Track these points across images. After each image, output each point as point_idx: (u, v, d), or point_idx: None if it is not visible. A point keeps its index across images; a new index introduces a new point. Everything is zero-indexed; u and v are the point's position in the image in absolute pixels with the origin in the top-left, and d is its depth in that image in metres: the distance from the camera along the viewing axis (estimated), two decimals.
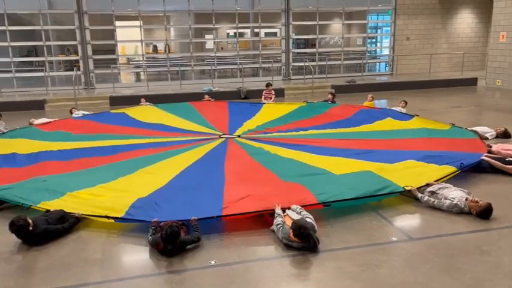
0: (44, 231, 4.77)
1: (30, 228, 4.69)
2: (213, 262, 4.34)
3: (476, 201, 5.20)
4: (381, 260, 4.34)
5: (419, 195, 5.60)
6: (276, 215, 4.90)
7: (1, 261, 4.48)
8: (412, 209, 5.51)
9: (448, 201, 5.32)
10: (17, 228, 4.67)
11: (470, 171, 6.58)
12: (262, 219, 5.08)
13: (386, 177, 5.91)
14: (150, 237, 4.59)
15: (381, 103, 13.37)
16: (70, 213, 5.17)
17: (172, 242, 4.40)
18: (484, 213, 5.14)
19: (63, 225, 4.95)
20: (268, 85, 13.68)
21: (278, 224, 4.72)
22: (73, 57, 18.74)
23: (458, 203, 5.26)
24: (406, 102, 11.30)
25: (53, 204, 5.40)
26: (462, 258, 4.32)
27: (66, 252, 4.61)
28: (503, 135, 8.75)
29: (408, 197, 5.72)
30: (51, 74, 17.41)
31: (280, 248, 4.57)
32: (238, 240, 4.78)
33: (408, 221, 5.31)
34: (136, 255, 4.64)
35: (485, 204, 5.16)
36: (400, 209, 5.51)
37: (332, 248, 4.56)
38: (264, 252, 4.60)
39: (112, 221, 5.03)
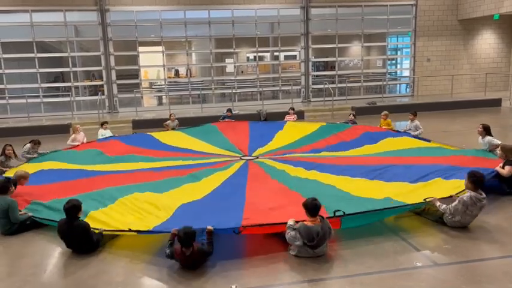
0: (86, 228, 5.08)
1: (79, 216, 5.08)
2: (233, 287, 4.32)
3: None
4: (405, 286, 4.24)
5: (438, 203, 5.52)
6: (287, 226, 4.93)
7: (26, 284, 4.56)
8: (436, 233, 5.39)
9: (457, 200, 5.37)
10: (70, 206, 5.04)
11: (490, 193, 6.43)
12: (285, 244, 5.02)
13: (403, 201, 5.78)
14: (168, 250, 4.69)
15: (402, 125, 13.23)
16: (94, 228, 5.27)
17: (188, 241, 4.49)
18: (471, 179, 5.33)
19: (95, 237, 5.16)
20: (291, 109, 13.83)
21: (288, 230, 4.84)
22: (98, 82, 19.29)
23: (464, 195, 5.34)
24: (414, 114, 11.05)
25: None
26: (491, 285, 4.18)
27: (89, 275, 4.67)
28: None
29: (432, 221, 5.62)
30: (77, 98, 17.92)
31: (301, 273, 4.52)
32: (259, 264, 4.75)
33: (432, 245, 5.17)
34: (158, 279, 4.65)
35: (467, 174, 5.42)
36: (424, 233, 5.40)
37: (355, 274, 4.48)
38: (285, 277, 4.55)
39: (135, 233, 5.12)
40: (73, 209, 5.04)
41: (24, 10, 16.24)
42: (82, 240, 5.08)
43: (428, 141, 9.54)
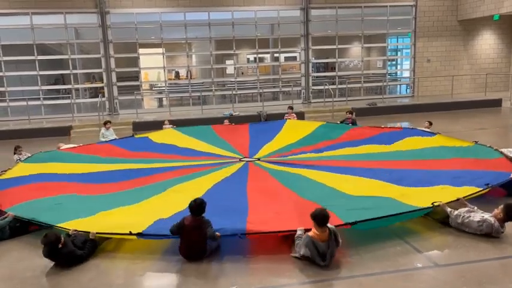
0: (70, 252, 4.86)
1: (60, 245, 4.78)
2: (234, 287, 4.33)
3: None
4: (405, 287, 4.23)
5: (449, 209, 5.46)
6: (296, 236, 4.86)
7: (27, 286, 4.55)
8: (437, 234, 5.38)
9: (478, 217, 5.23)
10: (48, 242, 4.74)
11: (502, 195, 6.41)
12: (287, 244, 5.03)
13: (410, 203, 5.74)
14: (175, 224, 4.85)
15: (404, 126, 13.23)
16: (88, 232, 5.21)
17: (200, 210, 4.82)
18: (507, 211, 5.08)
19: (84, 251, 5.01)
20: (290, 108, 13.89)
21: (297, 241, 4.74)
22: (98, 85, 19.28)
23: (488, 218, 5.16)
24: (430, 123, 11.08)
25: (72, 224, 5.47)
26: (492, 286, 4.17)
27: (89, 277, 4.66)
28: None
29: (432, 222, 5.60)
30: (77, 101, 17.94)
31: (302, 274, 4.51)
32: (260, 266, 4.75)
33: (433, 246, 5.16)
34: (159, 280, 4.66)
35: (504, 204, 5.19)
36: (425, 235, 5.39)
37: (355, 275, 4.48)
38: (285, 278, 4.54)
39: (134, 237, 5.05)
40: (54, 242, 4.75)
41: (25, 13, 16.25)
42: (71, 263, 4.90)
43: (434, 134, 9.52)
